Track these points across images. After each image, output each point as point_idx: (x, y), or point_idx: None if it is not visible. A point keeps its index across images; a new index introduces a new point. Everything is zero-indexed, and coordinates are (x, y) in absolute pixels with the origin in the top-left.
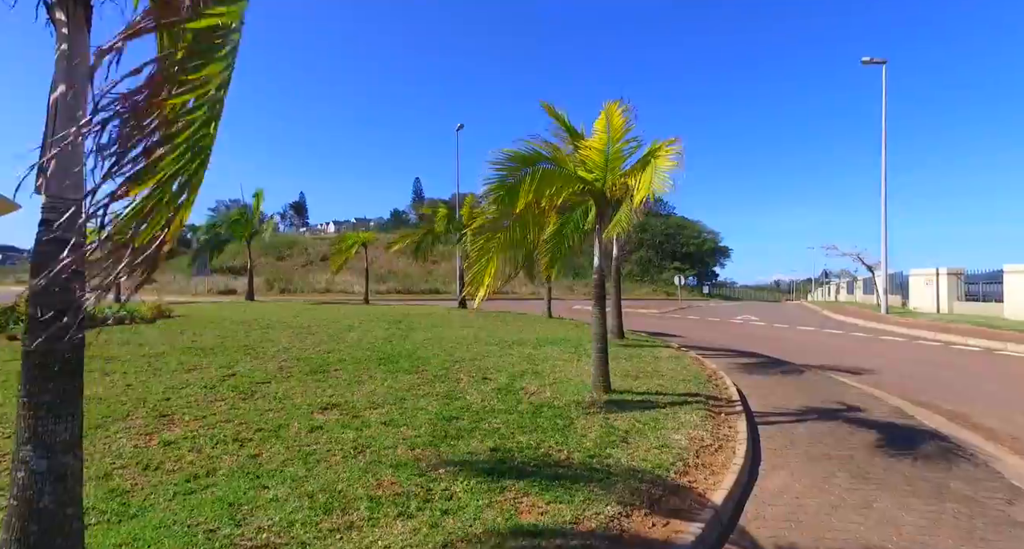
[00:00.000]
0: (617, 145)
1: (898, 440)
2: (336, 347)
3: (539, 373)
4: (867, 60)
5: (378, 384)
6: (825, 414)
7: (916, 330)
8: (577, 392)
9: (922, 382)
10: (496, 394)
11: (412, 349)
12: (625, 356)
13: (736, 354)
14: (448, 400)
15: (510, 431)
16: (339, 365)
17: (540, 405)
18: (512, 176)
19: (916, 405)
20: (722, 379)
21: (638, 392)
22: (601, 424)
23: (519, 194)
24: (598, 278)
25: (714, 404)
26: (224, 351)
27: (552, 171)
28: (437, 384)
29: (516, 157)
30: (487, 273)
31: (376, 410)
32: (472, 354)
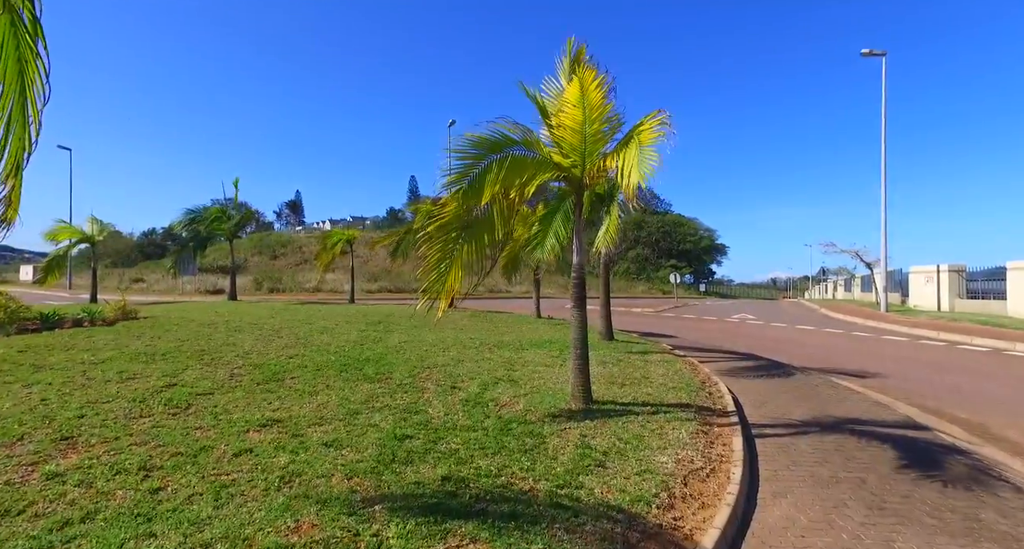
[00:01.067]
0: (596, 126)
1: (915, 458)
2: (301, 351)
3: (515, 381)
4: (866, 52)
5: (333, 395)
6: (830, 426)
7: (919, 329)
8: (554, 403)
9: (931, 386)
10: (463, 406)
11: (382, 353)
12: (612, 360)
13: (732, 356)
14: (407, 414)
15: (470, 453)
16: (297, 372)
17: (510, 420)
18: (477, 165)
19: (928, 413)
20: (716, 385)
21: (622, 402)
22: (577, 443)
23: (485, 185)
24: (577, 276)
25: (707, 416)
26: (176, 357)
27: (523, 157)
28: (399, 395)
29: (482, 143)
30: (450, 277)
31: (321, 427)
32: (446, 359)
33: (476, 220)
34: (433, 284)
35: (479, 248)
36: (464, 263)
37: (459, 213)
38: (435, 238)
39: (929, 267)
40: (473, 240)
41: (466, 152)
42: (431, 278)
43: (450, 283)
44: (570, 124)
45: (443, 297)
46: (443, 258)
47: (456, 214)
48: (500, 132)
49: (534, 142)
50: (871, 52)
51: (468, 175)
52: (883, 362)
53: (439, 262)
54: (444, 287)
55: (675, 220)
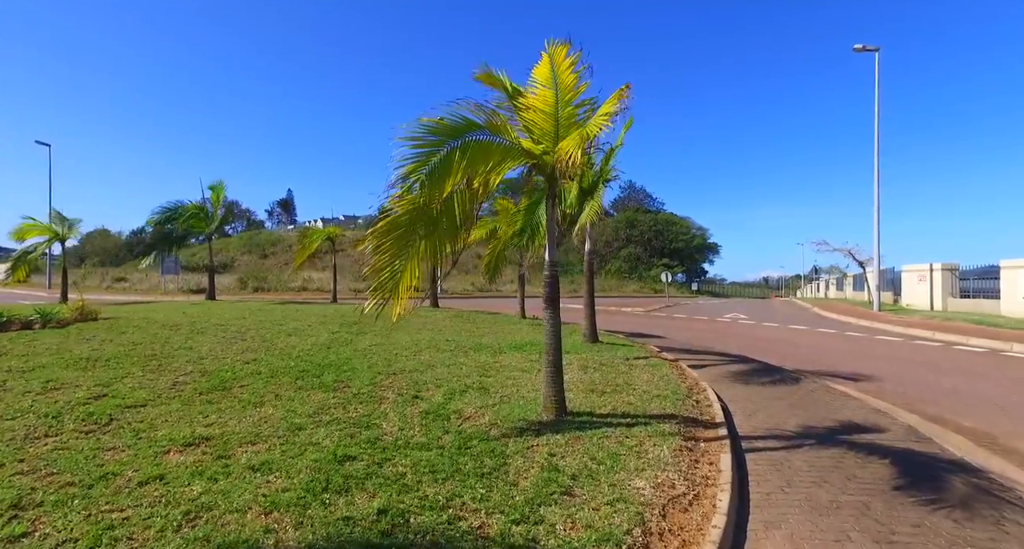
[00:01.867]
0: (569, 108)
1: (922, 477)
2: (261, 356)
3: (486, 388)
4: (859, 47)
5: (280, 406)
6: (827, 438)
7: (913, 329)
8: (524, 415)
9: (930, 390)
10: (421, 420)
11: (347, 358)
12: (594, 364)
13: (722, 359)
14: (356, 430)
15: (418, 478)
16: (248, 380)
17: (471, 436)
18: (435, 153)
19: (930, 422)
20: (704, 392)
21: (600, 414)
22: (543, 465)
23: (446, 174)
24: (550, 274)
25: (692, 428)
26: (119, 363)
27: (488, 143)
28: (353, 406)
29: (440, 128)
30: (405, 276)
31: (254, 446)
32: (415, 364)
33: (436, 213)
34: (385, 283)
35: (439, 243)
36: (422, 260)
37: (416, 206)
38: (389, 233)
39: (922, 266)
40: (433, 235)
41: (423, 139)
42: (383, 277)
43: (406, 282)
44: (540, 106)
45: (398, 298)
46: (397, 255)
47: (412, 207)
48: (461, 115)
49: (500, 126)
50: (864, 47)
51: (426, 164)
52: (878, 364)
53: (393, 259)
54: (399, 287)
55: (667, 219)
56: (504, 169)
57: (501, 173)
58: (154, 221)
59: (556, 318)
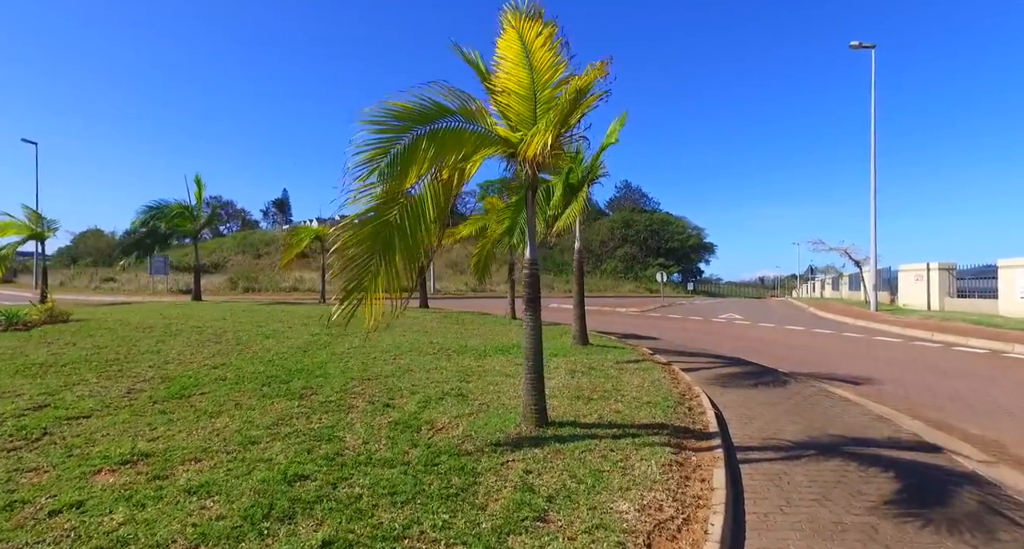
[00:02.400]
0: (547, 91)
1: (933, 493)
2: (231, 360)
3: (464, 395)
4: (855, 44)
5: (238, 416)
6: (828, 449)
7: (911, 329)
8: (501, 426)
9: (932, 394)
10: (389, 431)
11: (322, 362)
12: (582, 368)
13: (717, 361)
14: (316, 443)
15: (374, 501)
16: (211, 386)
17: (441, 450)
18: (401, 140)
19: (935, 428)
20: (698, 398)
21: (584, 423)
22: (517, 484)
23: (411, 163)
24: (530, 273)
25: (684, 439)
26: (76, 369)
27: (460, 131)
28: (318, 416)
29: (406, 113)
30: (379, 278)
31: (198, 464)
32: (393, 368)
33: (404, 207)
34: (354, 285)
35: (411, 240)
36: (392, 259)
37: (382, 199)
38: (354, 230)
39: (919, 265)
40: (404, 230)
41: (387, 124)
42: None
43: (378, 283)
44: (515, 88)
45: (371, 301)
46: (364, 254)
47: (377, 201)
48: (431, 99)
49: (474, 112)
50: (860, 44)
51: (387, 152)
52: (877, 366)
53: (359, 258)
54: (371, 288)
55: (663, 218)
56: (479, 159)
57: (476, 163)
58: (139, 221)
59: (537, 320)
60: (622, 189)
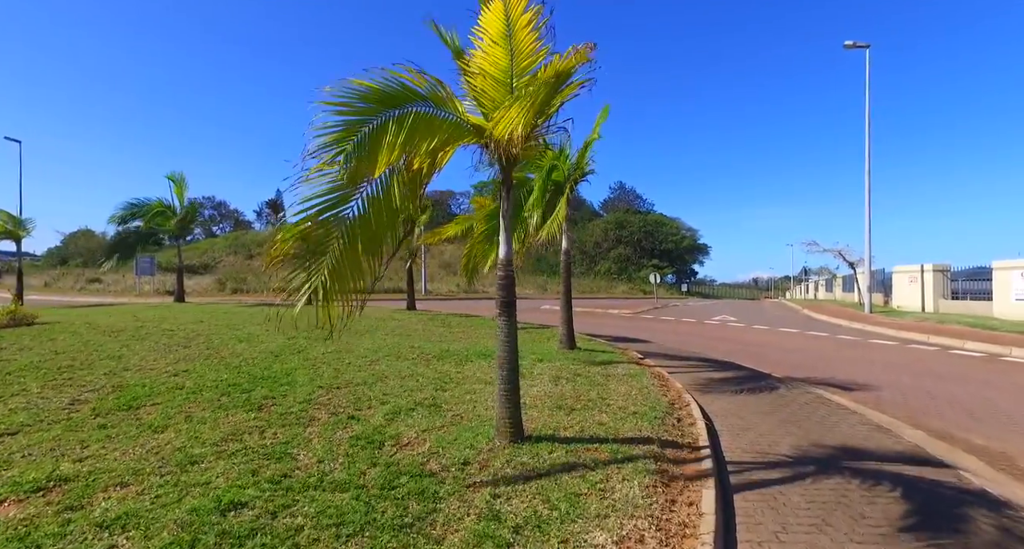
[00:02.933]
0: (526, 77)
1: (941, 515)
2: (195, 366)
3: (438, 405)
4: (850, 44)
5: (186, 431)
6: (826, 463)
7: (906, 332)
8: (473, 441)
9: (932, 401)
10: (350, 447)
11: (293, 368)
12: (568, 375)
13: (709, 365)
14: (265, 462)
15: (317, 534)
16: (165, 396)
17: (402, 470)
18: (367, 123)
19: (938, 439)
20: (688, 407)
21: (564, 438)
22: (482, 510)
23: (378, 150)
24: (504, 275)
25: (672, 455)
26: (19, 377)
27: (431, 117)
28: (274, 430)
29: (373, 95)
30: (346, 271)
31: (123, 490)
32: (367, 375)
33: (369, 197)
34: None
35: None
36: (351, 255)
37: (342, 188)
38: (312, 223)
39: (913, 267)
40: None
41: (351, 106)
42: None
43: (329, 281)
44: (492, 71)
45: (335, 303)
46: (317, 247)
47: (336, 190)
48: (399, 82)
49: (446, 98)
50: (855, 44)
51: (354, 135)
52: (874, 370)
53: (313, 252)
54: (328, 286)
55: (657, 220)
56: (452, 149)
57: (448, 153)
58: (117, 219)
59: (511, 327)
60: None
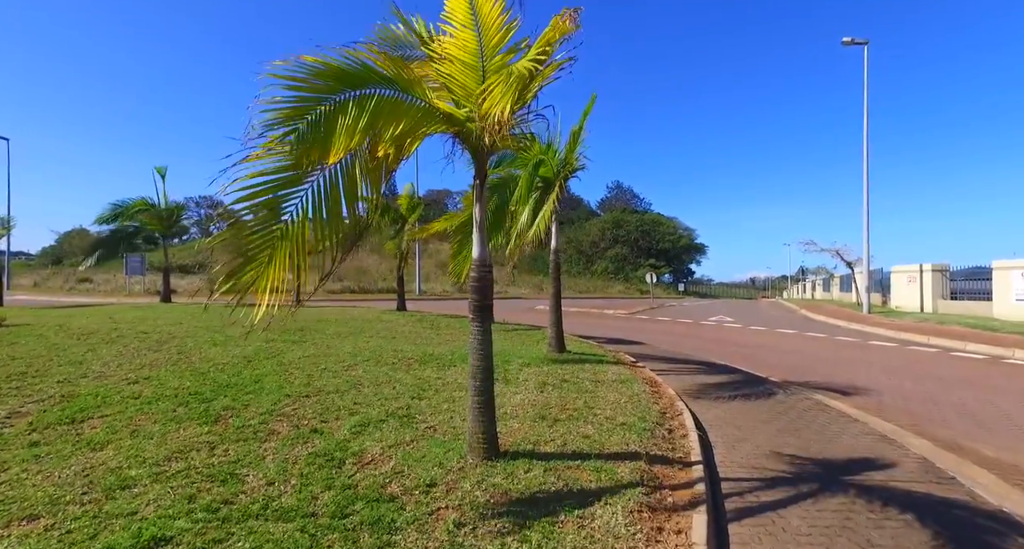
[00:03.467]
0: (497, 57)
1: (958, 542)
2: (160, 373)
3: (411, 416)
4: (848, 41)
5: (127, 448)
6: (828, 480)
7: (906, 333)
8: (444, 457)
9: (936, 407)
10: (306, 466)
11: (263, 374)
12: (555, 381)
13: (705, 369)
14: (208, 485)
15: None
16: (116, 407)
17: (360, 494)
18: (322, 103)
19: (945, 449)
20: (680, 416)
21: (544, 453)
22: (441, 545)
23: (336, 133)
24: (478, 277)
25: (661, 472)
26: None
27: (396, 101)
28: (226, 446)
29: (331, 72)
30: (273, 270)
31: (31, 525)
32: (341, 382)
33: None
34: (238, 280)
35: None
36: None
37: (293, 170)
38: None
39: (912, 267)
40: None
41: (307, 82)
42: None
43: (273, 278)
44: (459, 55)
45: (265, 301)
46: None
47: (285, 173)
48: (361, 61)
49: (412, 82)
50: (853, 41)
51: (307, 113)
52: (874, 374)
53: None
54: (264, 284)
55: (654, 219)
56: (420, 136)
57: (417, 141)
58: (103, 219)
59: (486, 333)
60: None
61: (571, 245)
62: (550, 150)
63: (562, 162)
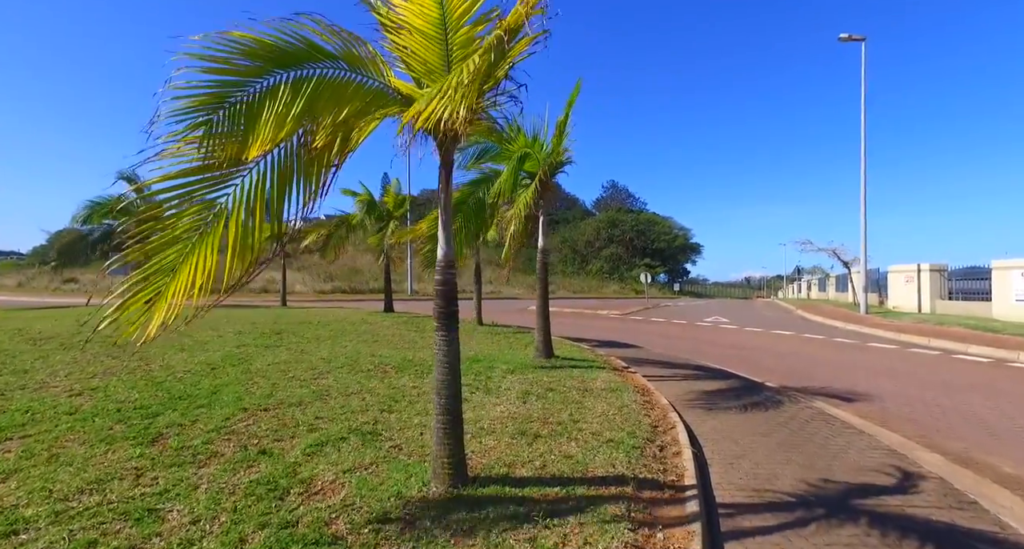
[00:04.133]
0: (464, 29)
1: None
2: (107, 383)
3: (376, 433)
4: (845, 37)
5: (34, 478)
6: (836, 505)
7: (905, 335)
8: (404, 484)
9: (943, 415)
10: (243, 497)
11: (222, 384)
12: (539, 389)
13: (700, 374)
14: (119, 525)
15: None
16: (45, 424)
17: (297, 536)
18: (247, 87)
19: (960, 465)
20: (673, 430)
21: (519, 478)
22: None
23: (262, 123)
24: (443, 279)
25: (650, 498)
26: None
27: (343, 82)
28: (154, 473)
29: (263, 51)
30: (185, 275)
31: None
32: (307, 392)
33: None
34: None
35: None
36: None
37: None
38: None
39: (909, 266)
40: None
41: (230, 63)
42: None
43: (184, 281)
44: (419, 24)
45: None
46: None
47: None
48: (299, 35)
49: (364, 60)
50: (850, 37)
51: (226, 99)
52: (875, 378)
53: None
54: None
55: (649, 219)
56: (370, 122)
57: (366, 128)
58: (78, 218)
59: (452, 343)
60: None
61: (566, 245)
62: (536, 143)
63: (548, 155)
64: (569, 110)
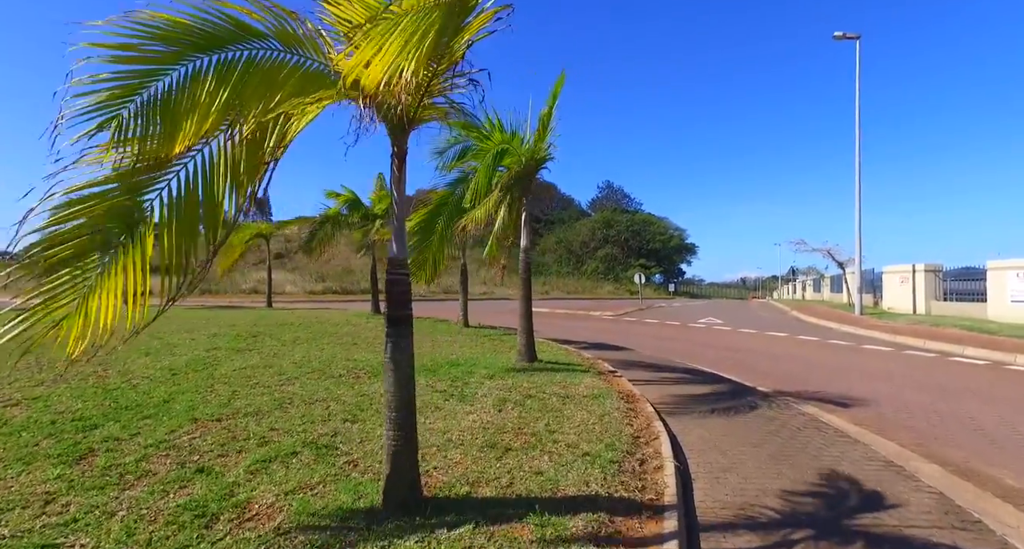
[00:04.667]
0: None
1: None
2: (52, 391)
3: (332, 446)
4: (839, 35)
5: None
6: (829, 526)
7: (901, 336)
8: (351, 507)
9: (941, 422)
10: (164, 526)
11: (177, 392)
12: (518, 396)
13: (690, 378)
14: None
15: None
16: None
17: None
18: (164, 74)
19: (961, 477)
20: (656, 440)
21: (480, 499)
22: None
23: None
24: (394, 279)
25: (623, 526)
26: None
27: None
28: (69, 497)
29: (174, 33)
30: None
31: None
32: (265, 401)
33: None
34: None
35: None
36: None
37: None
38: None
39: (904, 267)
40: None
41: (140, 50)
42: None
43: (105, 297)
44: None
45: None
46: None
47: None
48: (223, 14)
49: (302, 38)
50: (844, 35)
51: (139, 90)
52: (871, 382)
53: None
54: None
55: (644, 219)
56: (309, 109)
57: (307, 115)
58: None
59: (403, 351)
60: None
61: (561, 245)
62: (516, 138)
63: (529, 151)
64: (553, 103)
